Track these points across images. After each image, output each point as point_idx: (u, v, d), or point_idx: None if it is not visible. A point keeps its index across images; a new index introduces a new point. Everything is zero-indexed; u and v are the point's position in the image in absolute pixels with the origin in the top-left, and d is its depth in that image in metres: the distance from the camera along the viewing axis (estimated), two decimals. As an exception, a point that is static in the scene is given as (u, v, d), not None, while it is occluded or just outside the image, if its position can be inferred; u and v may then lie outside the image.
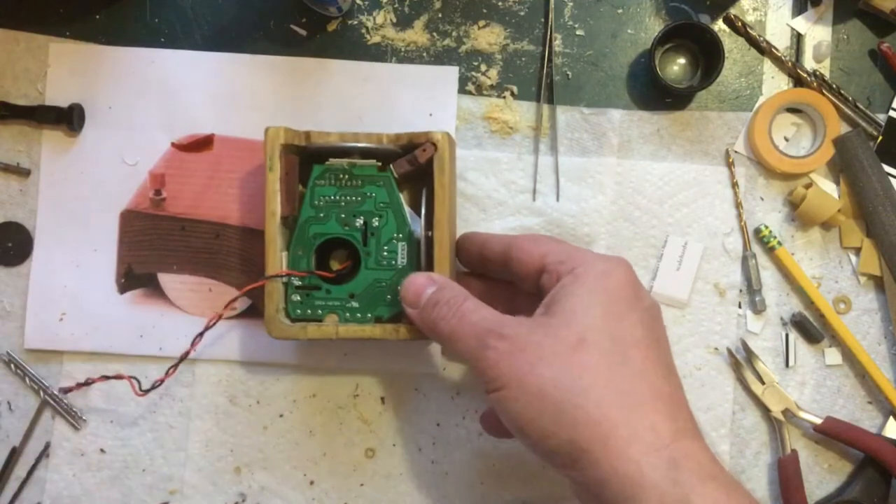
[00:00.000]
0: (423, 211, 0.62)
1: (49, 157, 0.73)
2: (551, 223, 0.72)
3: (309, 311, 0.63)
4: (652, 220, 0.72)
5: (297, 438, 0.72)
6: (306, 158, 0.64)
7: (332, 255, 0.65)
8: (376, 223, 0.62)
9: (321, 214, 0.62)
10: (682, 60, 0.72)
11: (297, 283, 0.63)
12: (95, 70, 0.73)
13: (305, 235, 0.63)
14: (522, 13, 0.73)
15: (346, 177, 0.63)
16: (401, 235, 0.62)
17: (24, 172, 0.73)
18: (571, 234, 0.72)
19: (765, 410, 0.71)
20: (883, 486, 0.70)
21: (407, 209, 0.63)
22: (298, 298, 0.63)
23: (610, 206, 0.72)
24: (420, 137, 0.62)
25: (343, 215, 0.62)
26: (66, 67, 0.73)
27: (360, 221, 0.62)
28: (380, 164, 0.63)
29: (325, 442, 0.72)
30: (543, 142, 0.72)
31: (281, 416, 0.72)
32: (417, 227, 0.62)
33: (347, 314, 0.63)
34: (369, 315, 0.63)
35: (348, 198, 0.63)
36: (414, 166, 0.62)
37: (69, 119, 0.71)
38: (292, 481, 0.72)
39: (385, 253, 0.63)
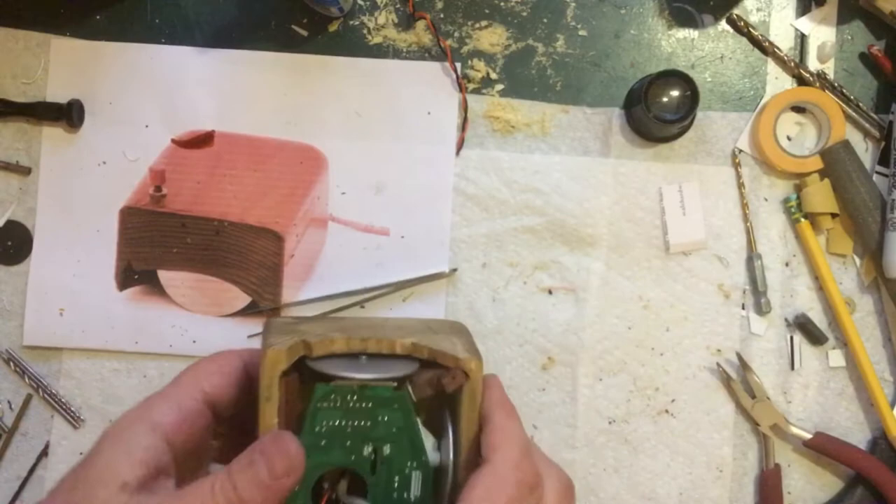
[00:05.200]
0: (451, 438, 0.51)
1: (49, 154, 0.72)
2: (553, 223, 0.71)
3: None
4: (654, 220, 0.72)
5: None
6: (303, 370, 0.52)
7: (336, 477, 0.52)
8: (388, 451, 0.51)
9: (323, 442, 0.50)
10: (674, 92, 0.69)
11: None
12: (96, 66, 0.73)
13: (305, 467, 0.49)
14: (524, 13, 0.73)
15: (355, 398, 0.51)
16: (415, 464, 0.51)
17: (23, 171, 0.72)
18: (574, 234, 0.71)
19: (755, 423, 0.71)
20: (875, 503, 0.69)
21: (424, 433, 0.51)
22: None
23: (612, 206, 0.72)
24: (447, 360, 0.51)
25: (349, 442, 0.50)
26: (66, 64, 0.73)
27: (368, 449, 0.50)
28: (396, 384, 0.51)
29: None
30: (544, 140, 0.72)
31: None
32: (432, 451, 0.51)
33: None
34: None
35: (356, 422, 0.50)
36: (437, 392, 0.51)
37: (69, 115, 0.71)
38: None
39: (396, 485, 0.51)
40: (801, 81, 0.72)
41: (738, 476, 0.71)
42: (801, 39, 0.73)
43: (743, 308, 0.72)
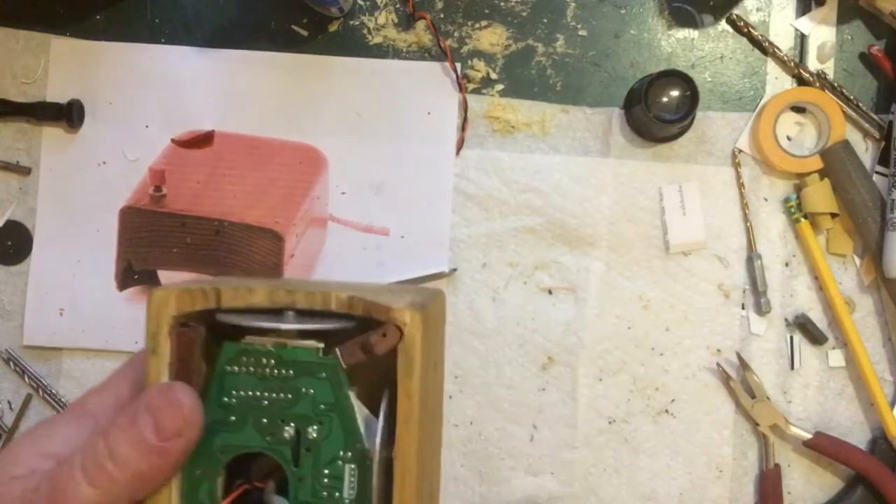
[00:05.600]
0: (380, 423, 0.40)
1: (49, 154, 0.73)
2: (553, 223, 0.71)
3: None
4: (654, 220, 0.72)
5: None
6: (217, 327, 0.42)
7: (247, 469, 0.43)
8: (314, 434, 0.40)
9: (232, 417, 0.40)
10: (674, 92, 0.69)
11: None
12: (96, 66, 0.73)
13: (208, 448, 0.40)
14: (524, 13, 0.73)
15: (272, 363, 0.41)
16: (350, 454, 0.40)
17: (23, 171, 0.72)
18: (574, 234, 0.71)
19: (755, 423, 0.71)
20: (875, 503, 0.69)
21: (360, 413, 0.41)
22: None
23: (612, 206, 0.72)
24: (380, 313, 0.40)
25: (265, 419, 0.40)
26: (66, 64, 0.73)
27: (290, 430, 0.40)
28: (322, 345, 0.41)
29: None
30: (544, 140, 0.72)
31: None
32: (376, 438, 0.40)
33: None
34: None
35: (274, 395, 0.41)
36: (370, 356, 0.41)
37: (69, 115, 0.71)
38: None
39: (326, 480, 0.40)
40: (801, 81, 0.72)
41: (738, 476, 0.71)
42: (801, 39, 0.73)
43: (743, 308, 0.72)
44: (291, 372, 0.41)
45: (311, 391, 0.41)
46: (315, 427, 0.41)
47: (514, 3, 0.73)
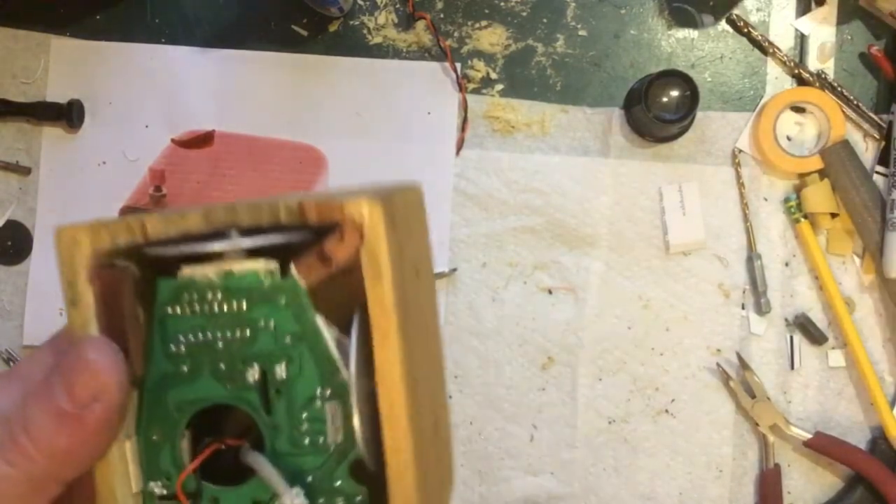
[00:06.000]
0: (353, 345, 0.32)
1: (49, 154, 0.73)
2: (553, 223, 0.71)
3: None
4: (654, 220, 0.72)
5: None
6: (152, 266, 0.34)
7: (219, 428, 0.35)
8: (283, 373, 0.33)
9: (184, 368, 0.33)
10: (674, 92, 0.70)
11: (157, 491, 0.34)
12: (96, 66, 0.73)
13: (162, 407, 0.33)
14: (524, 13, 0.73)
15: (219, 297, 0.33)
16: (329, 391, 0.33)
17: (23, 171, 0.72)
18: (573, 234, 0.71)
19: (755, 423, 0.71)
20: (874, 503, 0.69)
21: (331, 338, 0.33)
22: None
23: (612, 206, 0.72)
24: (334, 210, 0.32)
25: (223, 365, 0.33)
26: (66, 64, 0.73)
27: (253, 373, 0.33)
28: (276, 266, 0.33)
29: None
30: (544, 140, 0.72)
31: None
32: (350, 365, 0.33)
33: None
34: None
35: (228, 334, 0.33)
36: (330, 267, 0.33)
37: (69, 115, 0.71)
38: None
39: (305, 426, 0.33)
40: (801, 81, 0.72)
41: (738, 476, 0.71)
42: (801, 39, 0.73)
43: (743, 308, 0.72)
44: (244, 303, 0.33)
45: (271, 322, 0.33)
46: (282, 365, 0.33)
47: (514, 3, 0.73)
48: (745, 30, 0.72)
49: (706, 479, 0.71)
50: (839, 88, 0.72)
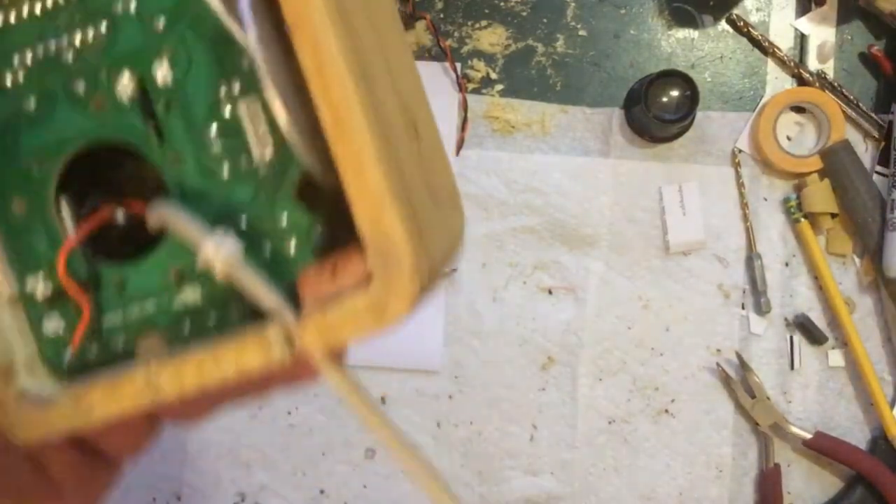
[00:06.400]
0: None
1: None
2: (553, 223, 0.71)
3: (94, 349, 0.24)
4: (654, 220, 0.72)
5: (297, 438, 0.71)
6: None
7: (107, 181, 0.25)
8: (166, 75, 0.23)
9: (30, 101, 0.24)
10: (674, 92, 0.70)
11: (40, 288, 0.24)
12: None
13: (17, 166, 0.24)
14: (524, 13, 0.73)
15: None
16: (237, 84, 0.23)
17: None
18: (573, 234, 0.71)
19: (755, 423, 0.71)
20: (874, 503, 0.69)
21: (222, 11, 0.22)
22: (58, 324, 0.24)
23: (612, 206, 0.72)
24: None
25: (81, 83, 0.23)
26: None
27: (126, 84, 0.23)
28: None
29: (324, 441, 0.71)
30: (544, 140, 0.72)
31: (281, 415, 0.71)
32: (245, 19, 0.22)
33: (183, 325, 0.24)
34: (238, 309, 0.23)
35: (78, 35, 0.23)
36: None
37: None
38: (292, 481, 0.71)
39: (217, 143, 0.23)
40: (801, 81, 0.72)
41: (738, 476, 0.71)
42: (801, 39, 0.73)
43: (742, 308, 0.72)
44: None
45: (132, 3, 0.23)
46: (163, 62, 0.23)
47: (514, 3, 0.73)
48: (745, 30, 0.72)
49: (706, 479, 0.71)
50: (839, 88, 0.72)
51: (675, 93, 0.69)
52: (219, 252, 0.21)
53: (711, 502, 0.71)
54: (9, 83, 0.23)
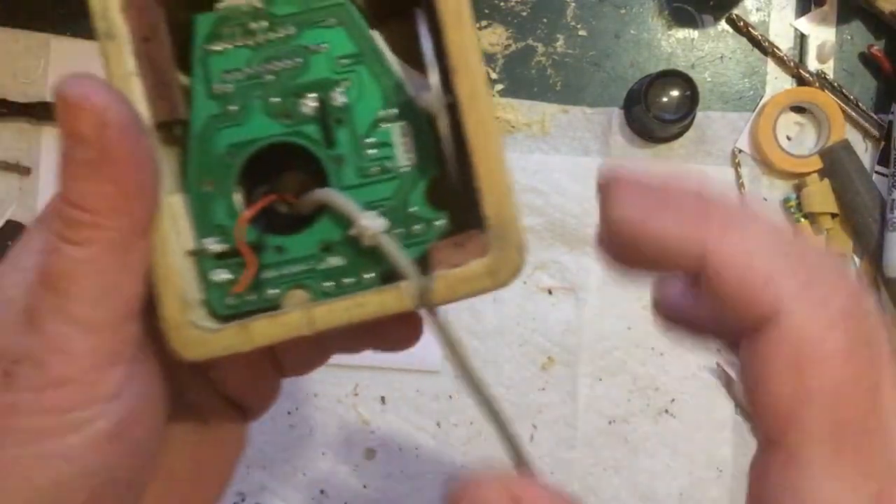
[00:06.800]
0: (425, 45, 0.30)
1: (49, 154, 0.73)
2: (553, 223, 0.72)
3: (252, 297, 0.31)
4: (654, 220, 0.72)
5: (297, 437, 0.71)
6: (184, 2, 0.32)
7: (277, 177, 0.33)
8: (342, 97, 0.31)
9: (232, 106, 0.31)
10: (674, 92, 0.70)
11: (214, 247, 0.31)
12: (96, 66, 0.73)
13: (213, 153, 0.31)
14: (524, 13, 0.73)
15: (264, 25, 0.31)
16: (393, 110, 0.31)
17: (23, 171, 0.72)
18: (574, 234, 0.71)
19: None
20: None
21: (389, 52, 0.31)
22: (226, 276, 0.31)
23: (612, 206, 0.72)
24: None
25: (275, 98, 0.31)
26: (66, 64, 0.73)
27: (310, 103, 0.31)
28: None
29: (324, 441, 0.71)
30: (544, 140, 0.72)
31: (281, 415, 0.71)
32: (422, 90, 0.30)
33: (325, 284, 0.31)
34: (369, 276, 0.31)
35: (278, 63, 0.31)
36: None
37: (69, 116, 0.71)
38: (292, 481, 0.71)
39: (371, 151, 0.31)
40: (801, 81, 0.72)
41: (738, 476, 0.71)
42: (801, 39, 0.73)
43: (743, 308, 0.72)
44: (292, 28, 0.31)
45: (325, 45, 0.31)
46: (340, 89, 0.31)
47: (514, 3, 0.73)
48: (745, 30, 0.72)
49: (706, 479, 0.71)
50: (839, 88, 0.72)
51: (675, 93, 0.69)
52: (370, 225, 0.29)
53: (711, 502, 0.71)
54: (218, 90, 0.31)
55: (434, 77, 0.29)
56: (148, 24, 0.30)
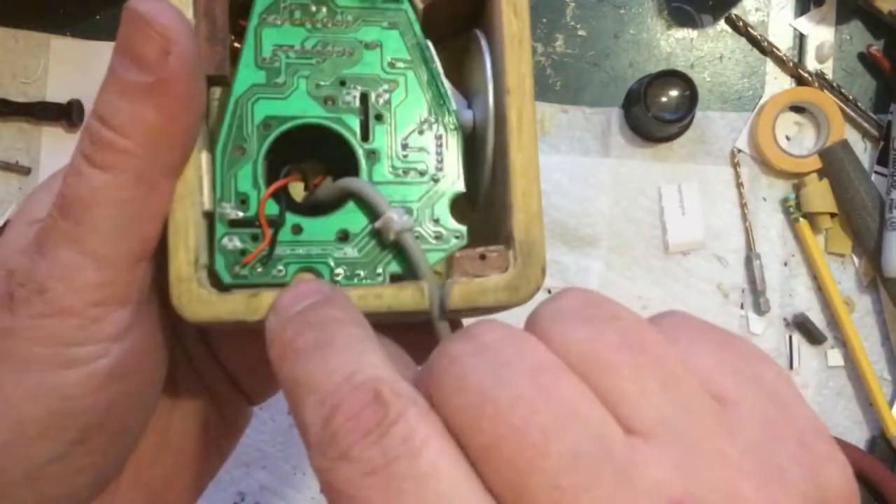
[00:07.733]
0: (487, 63, 0.32)
1: (49, 154, 0.73)
2: (553, 223, 0.72)
3: (259, 271, 0.30)
4: (654, 220, 0.72)
5: (297, 437, 0.71)
6: None
7: (298, 160, 0.33)
8: (386, 97, 0.31)
9: (277, 80, 0.31)
10: (674, 92, 0.70)
11: (231, 213, 0.30)
12: (96, 66, 0.73)
13: (248, 120, 0.31)
14: (524, 13, 0.73)
15: (322, 9, 0.31)
16: (435, 118, 0.31)
17: (23, 171, 0.72)
18: (574, 234, 0.71)
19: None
20: (874, 502, 0.70)
21: (441, 72, 0.32)
22: (237, 244, 0.30)
23: (612, 206, 0.72)
24: None
25: (321, 83, 0.31)
26: (66, 64, 0.73)
27: (354, 94, 0.31)
28: None
29: (324, 441, 0.71)
30: (544, 140, 0.72)
31: (281, 415, 0.71)
32: (464, 110, 0.32)
33: (337, 270, 0.31)
34: (380, 271, 0.31)
35: (329, 48, 0.31)
36: None
37: (69, 115, 0.71)
38: (292, 481, 0.71)
39: (406, 153, 0.31)
40: (800, 81, 0.73)
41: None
42: (800, 39, 0.73)
43: (742, 307, 0.72)
44: (349, 18, 0.31)
45: (379, 44, 0.31)
46: (385, 89, 0.31)
47: (514, 3, 0.73)
48: (744, 30, 0.73)
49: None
50: (838, 88, 0.72)
51: (674, 93, 0.69)
52: (398, 220, 0.29)
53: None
54: (267, 59, 0.31)
55: (489, 96, 0.31)
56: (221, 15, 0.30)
